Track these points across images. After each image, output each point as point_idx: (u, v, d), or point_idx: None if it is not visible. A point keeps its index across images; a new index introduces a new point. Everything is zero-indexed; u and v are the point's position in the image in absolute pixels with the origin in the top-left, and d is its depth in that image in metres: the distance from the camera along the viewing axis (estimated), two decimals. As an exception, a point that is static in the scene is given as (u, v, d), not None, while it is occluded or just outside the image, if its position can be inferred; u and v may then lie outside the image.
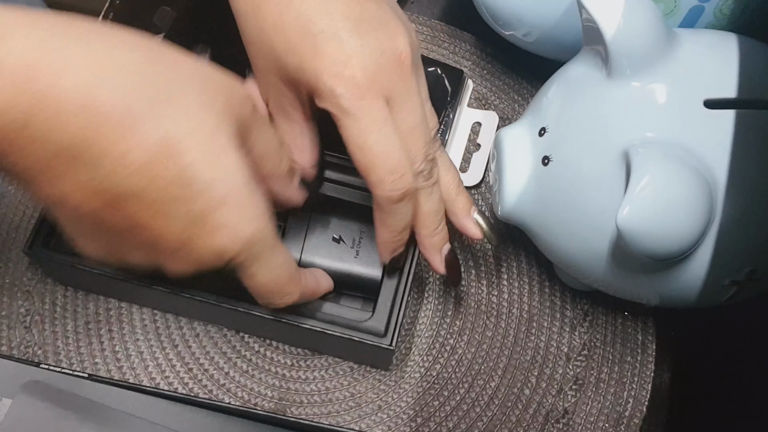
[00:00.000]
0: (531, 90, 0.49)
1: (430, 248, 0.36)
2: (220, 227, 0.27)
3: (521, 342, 0.42)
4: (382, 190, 0.31)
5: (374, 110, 0.31)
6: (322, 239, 0.38)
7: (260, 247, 0.29)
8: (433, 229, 0.35)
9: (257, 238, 0.28)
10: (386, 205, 0.32)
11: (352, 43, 0.30)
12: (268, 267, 0.30)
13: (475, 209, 0.37)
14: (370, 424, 0.40)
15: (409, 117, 0.32)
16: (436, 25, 0.51)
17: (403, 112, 0.32)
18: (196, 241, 0.27)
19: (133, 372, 0.40)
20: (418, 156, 0.33)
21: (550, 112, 0.36)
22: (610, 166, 0.32)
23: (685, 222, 0.30)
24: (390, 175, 0.31)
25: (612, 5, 0.32)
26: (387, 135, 0.31)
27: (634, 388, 0.41)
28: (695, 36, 0.35)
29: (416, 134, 0.32)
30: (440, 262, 0.36)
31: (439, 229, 0.35)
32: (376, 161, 0.31)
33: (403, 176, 0.31)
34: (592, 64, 0.35)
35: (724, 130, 0.32)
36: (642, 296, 0.37)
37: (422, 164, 0.33)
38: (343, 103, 0.30)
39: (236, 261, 0.29)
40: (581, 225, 0.34)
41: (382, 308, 0.37)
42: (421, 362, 0.41)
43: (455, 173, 0.36)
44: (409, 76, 0.32)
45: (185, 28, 0.47)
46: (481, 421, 0.40)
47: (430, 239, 0.35)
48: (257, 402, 0.40)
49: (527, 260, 0.44)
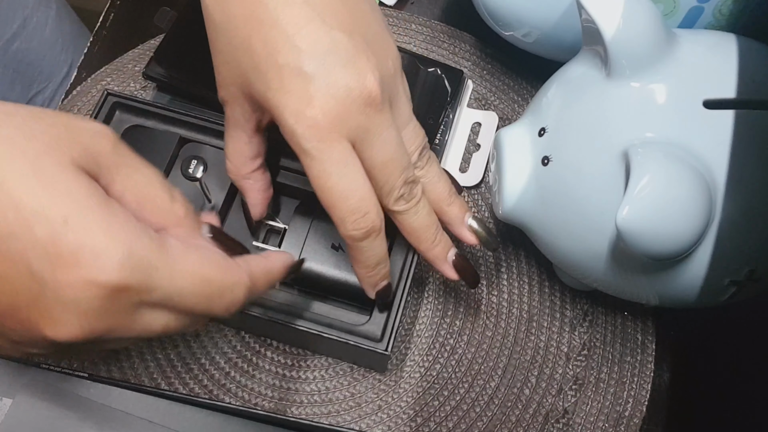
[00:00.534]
0: (531, 90, 0.49)
1: (434, 260, 0.35)
2: (79, 253, 0.23)
3: (521, 342, 0.42)
4: (344, 229, 0.31)
5: (335, 152, 0.30)
6: (321, 246, 0.38)
7: (149, 261, 0.25)
8: (430, 243, 0.35)
9: (137, 253, 0.24)
10: (351, 243, 0.32)
11: (316, 81, 0.29)
12: (177, 276, 0.26)
13: (469, 216, 0.36)
14: (370, 424, 0.40)
15: (380, 153, 0.31)
16: (436, 25, 0.51)
17: (373, 149, 0.31)
18: (60, 281, 0.23)
19: (133, 372, 0.40)
20: (396, 185, 0.32)
21: (550, 113, 0.36)
22: (610, 166, 0.32)
23: (684, 222, 0.30)
24: (351, 215, 0.31)
25: (611, 6, 0.32)
26: (347, 175, 0.30)
27: (634, 388, 0.42)
28: (694, 36, 0.35)
29: (391, 166, 0.32)
30: (450, 269, 0.36)
31: (436, 241, 0.35)
32: (337, 202, 0.31)
33: (366, 215, 0.31)
34: (591, 65, 0.35)
35: (723, 130, 0.32)
36: (642, 296, 0.37)
37: (399, 191, 0.33)
38: (303, 143, 0.30)
39: (135, 291, 0.24)
40: (581, 225, 0.34)
41: (379, 312, 0.37)
42: (421, 362, 0.41)
43: (445, 183, 0.36)
44: (377, 113, 0.31)
45: (185, 28, 0.47)
46: (481, 421, 0.40)
47: (430, 252, 0.35)
48: (257, 402, 0.40)
49: (527, 260, 0.44)
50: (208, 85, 0.45)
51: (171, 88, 0.47)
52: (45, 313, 0.24)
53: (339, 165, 0.30)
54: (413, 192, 0.33)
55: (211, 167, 0.39)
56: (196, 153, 0.39)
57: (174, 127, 0.40)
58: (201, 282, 0.27)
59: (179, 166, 0.39)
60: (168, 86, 0.46)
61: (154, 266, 0.25)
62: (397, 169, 0.32)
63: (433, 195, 0.35)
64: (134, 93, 0.48)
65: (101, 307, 0.24)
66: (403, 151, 0.33)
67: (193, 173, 0.39)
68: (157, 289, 0.25)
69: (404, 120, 0.33)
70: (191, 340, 0.41)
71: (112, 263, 0.24)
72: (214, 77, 0.34)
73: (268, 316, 0.36)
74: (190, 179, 0.39)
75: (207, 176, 0.39)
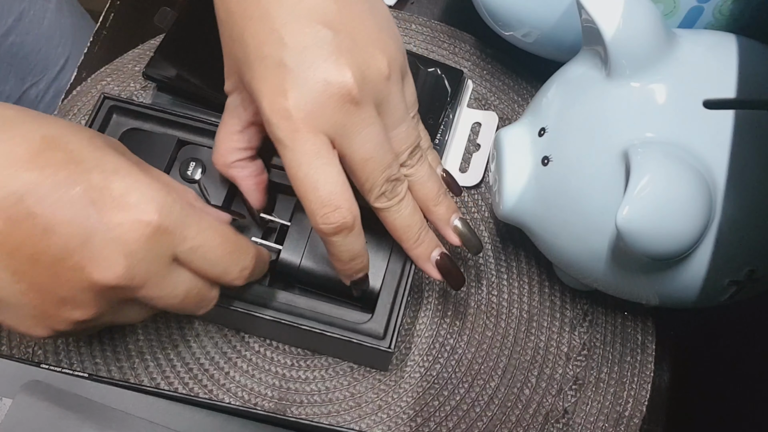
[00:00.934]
0: (531, 90, 0.49)
1: (417, 259, 0.36)
2: (127, 196, 0.28)
3: (521, 342, 0.42)
4: (315, 222, 0.31)
5: (308, 144, 0.30)
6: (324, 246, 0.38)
7: (182, 210, 0.29)
8: (413, 241, 0.35)
9: (174, 203, 0.29)
10: (323, 236, 0.32)
11: (293, 75, 0.30)
12: (203, 228, 0.30)
13: (456, 217, 0.36)
14: (370, 424, 0.40)
15: (362, 149, 0.31)
16: (436, 25, 0.51)
17: (354, 144, 0.31)
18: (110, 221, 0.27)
19: (133, 372, 0.40)
20: (377, 182, 0.32)
21: (550, 113, 0.36)
22: (610, 166, 0.32)
23: (684, 222, 0.30)
24: (321, 209, 0.31)
25: (611, 6, 0.32)
26: (319, 168, 0.31)
27: (634, 388, 0.42)
28: (694, 36, 0.35)
29: (372, 164, 0.32)
30: (433, 269, 0.36)
31: (420, 239, 0.35)
32: (308, 193, 0.31)
33: (336, 210, 0.31)
34: (591, 65, 0.35)
35: (723, 130, 0.32)
36: (642, 296, 0.37)
37: (382, 187, 0.33)
38: (277, 132, 0.30)
39: (171, 236, 0.28)
40: (581, 225, 0.34)
41: (382, 310, 0.37)
42: (421, 362, 0.41)
43: (434, 183, 0.36)
44: (356, 110, 0.31)
45: (185, 28, 0.47)
46: (481, 421, 0.40)
47: (413, 251, 0.35)
48: (257, 402, 0.40)
49: (527, 260, 0.44)
50: (208, 85, 0.46)
51: (171, 89, 0.47)
52: (94, 253, 0.27)
53: (310, 156, 0.30)
54: (396, 190, 0.33)
55: (210, 169, 0.39)
56: (195, 155, 0.39)
57: (172, 129, 0.40)
58: (221, 237, 0.31)
59: (178, 169, 0.39)
60: (168, 86, 0.46)
61: (185, 215, 0.29)
62: (378, 167, 0.32)
63: (420, 194, 0.35)
64: (134, 93, 0.48)
65: (144, 248, 0.28)
66: (386, 149, 0.33)
67: (191, 175, 0.39)
68: (188, 239, 0.29)
69: (395, 120, 0.33)
70: (191, 339, 0.41)
71: (155, 206, 0.28)
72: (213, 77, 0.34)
73: (269, 316, 0.36)
74: (189, 181, 0.39)
75: (206, 178, 0.39)
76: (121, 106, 0.40)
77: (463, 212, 0.45)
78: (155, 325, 0.41)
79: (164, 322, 0.41)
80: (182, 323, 0.41)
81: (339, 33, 0.31)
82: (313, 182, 0.31)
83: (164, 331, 0.41)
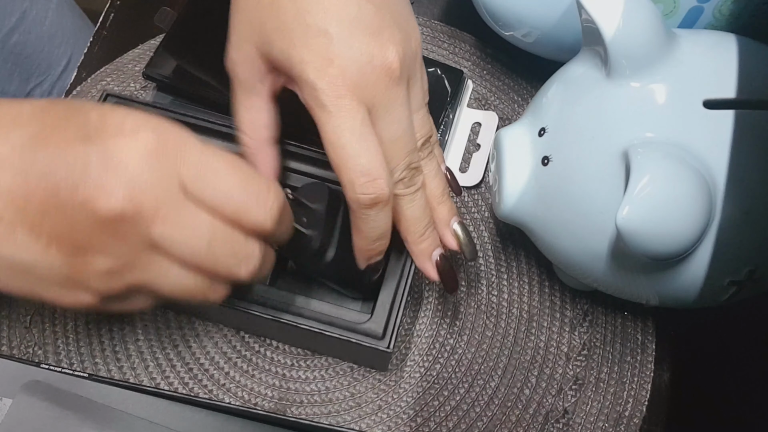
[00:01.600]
0: (531, 90, 0.49)
1: (418, 255, 0.35)
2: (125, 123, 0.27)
3: (521, 342, 0.42)
4: (353, 192, 0.31)
5: (352, 110, 0.30)
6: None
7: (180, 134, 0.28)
8: (418, 236, 0.35)
9: (169, 126, 0.27)
10: (357, 209, 0.31)
11: (340, 44, 0.30)
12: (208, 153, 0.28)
13: (456, 220, 0.36)
14: (370, 424, 0.40)
15: (392, 127, 0.32)
16: (436, 25, 0.51)
17: (385, 121, 0.31)
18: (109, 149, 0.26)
19: (133, 372, 0.40)
20: (399, 165, 0.32)
21: (550, 113, 0.36)
22: (610, 166, 0.32)
23: (684, 222, 0.30)
24: (361, 177, 0.30)
25: (611, 6, 0.32)
26: (362, 137, 0.30)
27: (634, 387, 0.42)
28: (694, 36, 0.35)
29: (398, 145, 0.32)
30: (431, 268, 0.35)
31: (425, 235, 0.35)
32: (348, 161, 0.30)
33: (376, 180, 0.30)
34: (591, 65, 0.35)
35: (723, 130, 0.32)
36: (642, 296, 0.37)
37: (402, 172, 0.33)
38: (322, 97, 0.30)
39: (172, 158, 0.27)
40: (581, 225, 0.34)
41: (381, 310, 0.37)
42: (421, 362, 0.41)
43: (441, 181, 0.36)
44: (395, 86, 0.31)
45: (185, 28, 0.47)
46: (481, 421, 0.40)
47: (417, 246, 0.35)
48: (257, 402, 0.40)
49: (527, 260, 0.44)
50: (208, 85, 0.46)
51: (171, 88, 0.47)
52: (96, 182, 0.26)
53: (355, 122, 0.30)
54: (414, 180, 0.33)
55: None
56: None
57: None
58: (228, 163, 0.28)
59: None
60: (168, 86, 0.46)
61: (184, 140, 0.27)
62: (403, 149, 0.32)
63: (426, 190, 0.35)
64: (134, 93, 0.48)
65: (145, 171, 0.26)
66: (412, 132, 0.33)
67: None
68: (190, 163, 0.27)
69: (417, 104, 0.34)
70: (191, 339, 0.41)
71: (151, 129, 0.27)
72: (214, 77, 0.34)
73: (269, 315, 0.36)
74: None
75: None
76: (123, 104, 0.40)
77: (463, 212, 0.45)
78: (155, 325, 0.41)
79: (164, 322, 0.41)
80: (182, 323, 0.41)
81: (380, 9, 0.32)
82: (356, 150, 0.30)
83: (164, 331, 0.41)
